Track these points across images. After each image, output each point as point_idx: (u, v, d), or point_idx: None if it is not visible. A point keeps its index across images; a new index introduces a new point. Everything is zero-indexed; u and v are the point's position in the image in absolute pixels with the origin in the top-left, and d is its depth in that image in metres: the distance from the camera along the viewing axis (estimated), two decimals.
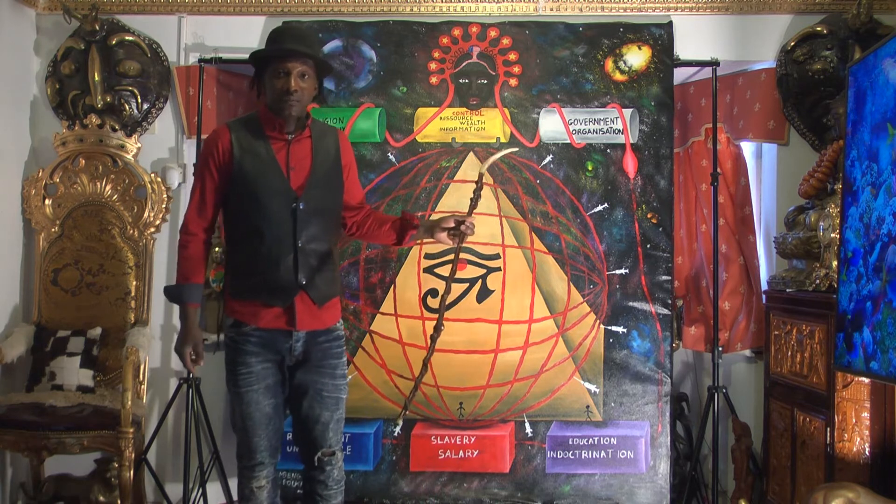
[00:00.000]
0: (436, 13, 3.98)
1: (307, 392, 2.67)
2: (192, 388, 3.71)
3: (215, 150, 2.60)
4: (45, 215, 3.96)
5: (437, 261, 3.71)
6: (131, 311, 3.93)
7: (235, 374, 2.61)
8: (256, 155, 2.60)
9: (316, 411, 2.67)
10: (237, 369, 2.61)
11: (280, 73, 2.55)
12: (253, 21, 4.02)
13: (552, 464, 3.63)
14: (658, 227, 3.73)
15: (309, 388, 2.67)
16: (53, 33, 4.09)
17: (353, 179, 2.81)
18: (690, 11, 3.96)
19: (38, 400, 3.61)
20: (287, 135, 2.62)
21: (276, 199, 2.58)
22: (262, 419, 2.63)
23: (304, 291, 2.61)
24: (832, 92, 3.73)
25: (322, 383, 2.67)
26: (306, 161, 2.64)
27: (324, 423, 2.69)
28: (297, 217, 2.59)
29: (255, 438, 2.65)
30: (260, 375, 2.62)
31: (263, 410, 2.63)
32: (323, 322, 2.67)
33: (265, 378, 2.63)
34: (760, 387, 3.81)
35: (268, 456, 2.69)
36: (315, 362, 2.67)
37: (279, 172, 2.60)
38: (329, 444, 2.70)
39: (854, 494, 2.54)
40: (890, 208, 2.62)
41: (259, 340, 2.61)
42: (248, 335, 2.60)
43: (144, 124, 4.09)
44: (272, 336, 2.61)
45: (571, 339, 3.69)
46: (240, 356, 2.61)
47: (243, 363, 2.61)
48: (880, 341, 2.58)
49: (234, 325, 2.63)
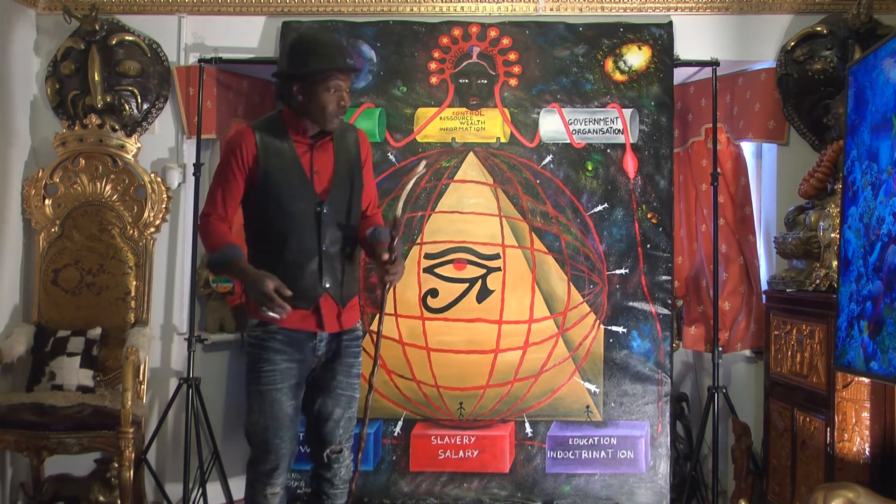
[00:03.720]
0: (436, 13, 3.98)
1: (322, 389, 2.69)
2: (192, 388, 3.71)
3: (239, 151, 2.57)
4: (45, 215, 3.96)
5: (437, 261, 3.71)
6: (131, 311, 3.93)
7: (260, 372, 2.59)
8: (282, 158, 2.60)
9: (329, 408, 2.69)
10: (261, 367, 2.58)
11: (331, 89, 2.54)
12: (253, 21, 4.02)
13: (552, 464, 3.63)
14: (658, 227, 3.73)
15: (324, 384, 2.68)
16: (53, 33, 4.08)
17: (369, 178, 2.80)
18: (690, 11, 3.96)
19: (38, 400, 3.61)
20: (311, 138, 2.63)
21: (300, 203, 2.59)
22: (284, 420, 2.60)
23: (327, 293, 2.62)
24: (832, 92, 3.73)
25: (337, 380, 2.69)
26: (329, 164, 2.65)
27: (335, 421, 2.69)
28: (321, 221, 2.60)
29: (276, 440, 2.60)
30: (284, 374, 2.60)
31: (286, 411, 2.60)
32: (345, 322, 2.70)
33: (288, 378, 2.61)
34: (760, 387, 3.81)
35: (286, 460, 2.65)
36: (333, 360, 2.69)
37: (304, 176, 2.60)
38: (339, 442, 2.70)
39: (854, 494, 2.54)
40: (890, 208, 2.62)
41: (285, 339, 2.60)
42: (275, 334, 2.59)
43: (144, 124, 4.09)
44: (297, 336, 2.61)
45: (571, 339, 3.69)
46: (266, 353, 2.59)
47: (268, 360, 2.58)
48: (880, 341, 2.58)
49: (260, 325, 2.60)
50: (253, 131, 2.61)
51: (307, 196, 2.60)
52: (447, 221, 3.73)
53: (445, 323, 3.67)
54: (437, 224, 3.73)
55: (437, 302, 3.69)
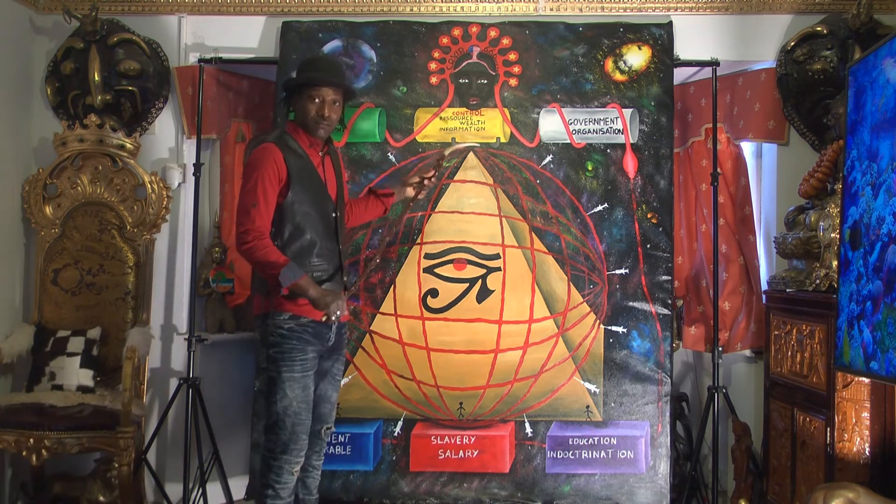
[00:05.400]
0: (436, 13, 3.98)
1: (323, 374, 3.01)
2: (192, 388, 3.71)
3: (274, 165, 2.83)
4: (45, 215, 3.96)
5: (437, 261, 3.71)
6: (131, 311, 3.93)
7: (293, 360, 2.85)
8: (306, 169, 2.92)
9: (328, 392, 3.05)
10: (296, 356, 2.85)
11: (314, 98, 2.90)
12: (253, 21, 4.02)
13: (552, 464, 3.63)
14: (658, 227, 3.73)
15: (324, 370, 3.01)
16: (53, 33, 4.09)
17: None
18: (690, 11, 3.96)
19: (38, 400, 3.62)
20: (318, 151, 2.99)
21: (322, 210, 2.94)
22: (310, 404, 2.91)
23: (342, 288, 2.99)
24: (832, 92, 3.73)
25: (337, 368, 3.08)
26: (332, 174, 3.04)
27: (332, 403, 3.07)
28: (337, 224, 2.99)
29: (307, 421, 2.89)
30: (311, 363, 2.90)
31: (310, 397, 2.91)
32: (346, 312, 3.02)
33: (314, 366, 2.92)
34: (760, 387, 3.81)
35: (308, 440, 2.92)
36: (335, 349, 3.04)
37: (322, 184, 2.96)
38: (330, 421, 3.07)
39: (854, 494, 2.54)
40: (890, 208, 2.62)
41: (314, 332, 2.89)
42: (307, 326, 2.87)
43: (144, 124, 4.09)
44: (321, 328, 2.90)
45: (571, 339, 3.69)
46: (300, 343, 2.86)
47: (301, 350, 2.86)
48: (880, 341, 2.58)
49: (293, 318, 2.86)
50: (277, 147, 2.87)
51: (327, 202, 2.97)
52: (447, 221, 3.73)
53: (445, 323, 3.67)
54: (437, 224, 3.73)
55: (437, 302, 3.68)
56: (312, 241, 2.89)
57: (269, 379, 2.89)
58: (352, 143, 3.77)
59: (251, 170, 2.85)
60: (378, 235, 3.71)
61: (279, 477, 2.86)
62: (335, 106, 2.93)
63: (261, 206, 2.80)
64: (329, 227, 2.95)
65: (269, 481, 2.87)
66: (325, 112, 2.90)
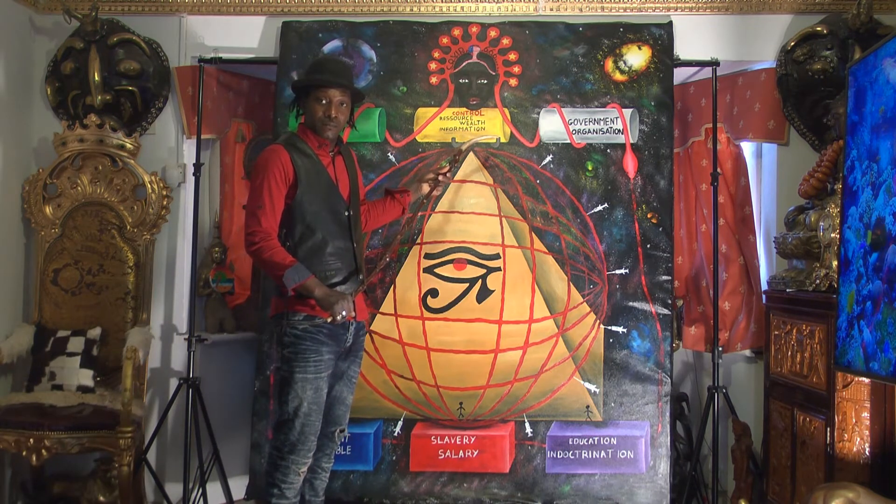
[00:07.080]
0: (436, 13, 3.98)
1: (339, 376, 3.01)
2: (192, 388, 3.71)
3: (282, 166, 2.86)
4: (45, 215, 3.96)
5: (438, 261, 3.71)
6: (131, 310, 3.93)
7: (307, 361, 2.85)
8: (314, 169, 2.93)
9: (344, 394, 3.05)
10: (309, 357, 2.85)
11: (322, 100, 2.94)
12: (253, 21, 4.02)
13: (552, 464, 3.63)
14: (658, 227, 3.73)
15: (341, 372, 3.01)
16: (53, 33, 4.09)
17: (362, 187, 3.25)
18: (690, 11, 3.96)
19: (38, 400, 3.62)
20: (329, 152, 3.01)
21: (333, 209, 2.95)
22: (322, 406, 2.90)
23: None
24: (832, 92, 3.73)
25: (353, 370, 3.07)
26: (345, 173, 3.05)
27: (347, 405, 3.07)
28: (350, 224, 2.99)
29: (318, 423, 2.89)
30: (327, 364, 2.90)
31: (323, 398, 2.91)
32: (363, 312, 3.07)
33: (328, 367, 2.91)
34: (760, 387, 3.81)
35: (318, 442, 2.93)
36: (353, 351, 3.03)
37: (333, 184, 2.97)
38: (343, 423, 3.07)
39: (854, 494, 2.54)
40: (890, 208, 2.62)
41: (329, 333, 2.89)
42: (322, 326, 2.87)
43: (144, 124, 4.09)
44: (336, 330, 2.90)
45: (571, 339, 3.69)
46: (314, 345, 2.86)
47: (316, 351, 2.86)
48: (880, 341, 2.58)
49: (307, 318, 2.86)
50: (285, 149, 2.90)
51: (339, 201, 2.97)
52: (447, 221, 3.73)
53: (445, 323, 3.67)
54: (437, 224, 3.73)
55: (437, 302, 3.68)
56: (324, 240, 2.90)
57: (282, 379, 2.90)
58: (352, 143, 3.76)
59: (258, 172, 2.89)
60: (378, 235, 3.71)
61: (285, 477, 2.87)
62: (342, 107, 2.97)
63: (267, 208, 2.83)
64: (342, 226, 2.96)
65: (274, 480, 2.87)
66: (332, 113, 2.93)
